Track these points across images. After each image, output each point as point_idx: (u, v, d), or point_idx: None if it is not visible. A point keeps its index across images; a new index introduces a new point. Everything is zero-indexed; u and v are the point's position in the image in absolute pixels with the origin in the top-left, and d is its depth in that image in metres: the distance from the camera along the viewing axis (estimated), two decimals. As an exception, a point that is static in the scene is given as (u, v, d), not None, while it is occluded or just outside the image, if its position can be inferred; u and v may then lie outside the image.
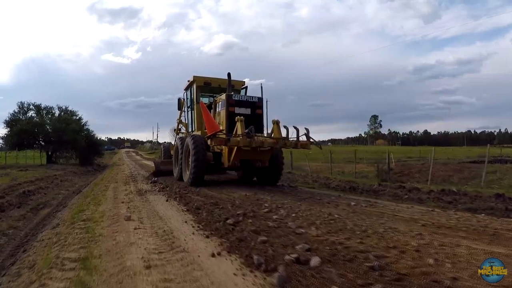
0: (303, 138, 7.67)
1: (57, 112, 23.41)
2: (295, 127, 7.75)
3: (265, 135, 8.07)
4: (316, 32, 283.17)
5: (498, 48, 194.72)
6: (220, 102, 8.49)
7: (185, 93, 10.96)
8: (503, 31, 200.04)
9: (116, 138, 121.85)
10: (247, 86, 9.77)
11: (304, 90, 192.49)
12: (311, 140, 7.71)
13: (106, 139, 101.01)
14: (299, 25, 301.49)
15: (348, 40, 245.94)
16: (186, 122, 11.13)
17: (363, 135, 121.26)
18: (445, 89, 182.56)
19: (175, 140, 10.52)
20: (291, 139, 7.65)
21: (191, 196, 6.39)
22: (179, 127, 12.01)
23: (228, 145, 7.16)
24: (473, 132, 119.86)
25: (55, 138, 20.83)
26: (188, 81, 10.29)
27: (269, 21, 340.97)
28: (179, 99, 11.27)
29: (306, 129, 7.72)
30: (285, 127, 7.64)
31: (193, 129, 10.15)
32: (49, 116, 22.84)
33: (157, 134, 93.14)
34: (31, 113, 22.46)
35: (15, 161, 21.56)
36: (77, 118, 23.42)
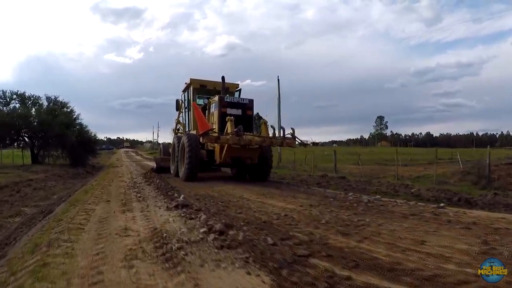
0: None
1: (45, 103, 20.11)
2: (281, 127, 8.45)
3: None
4: (321, 33, 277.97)
5: (498, 52, 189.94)
6: (213, 104, 8.89)
7: (183, 95, 11.36)
8: (505, 35, 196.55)
9: (115, 137, 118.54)
10: (241, 89, 10.36)
11: (308, 91, 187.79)
12: (296, 139, 8.23)
13: (105, 139, 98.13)
14: (304, 26, 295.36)
15: (353, 42, 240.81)
16: (184, 122, 11.50)
17: (364, 136, 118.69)
18: (446, 92, 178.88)
19: (173, 139, 11.02)
20: (277, 137, 8.32)
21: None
22: (177, 127, 12.28)
23: (219, 143, 7.64)
24: (474, 134, 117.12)
25: (41, 132, 17.48)
26: (186, 83, 10.73)
27: (274, 22, 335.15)
28: (177, 101, 11.84)
29: (292, 128, 8.23)
30: (271, 126, 8.51)
31: (190, 129, 10.45)
32: (36, 107, 19.52)
33: (158, 134, 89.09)
34: (14, 104, 19.17)
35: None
36: (68, 110, 20.06)
